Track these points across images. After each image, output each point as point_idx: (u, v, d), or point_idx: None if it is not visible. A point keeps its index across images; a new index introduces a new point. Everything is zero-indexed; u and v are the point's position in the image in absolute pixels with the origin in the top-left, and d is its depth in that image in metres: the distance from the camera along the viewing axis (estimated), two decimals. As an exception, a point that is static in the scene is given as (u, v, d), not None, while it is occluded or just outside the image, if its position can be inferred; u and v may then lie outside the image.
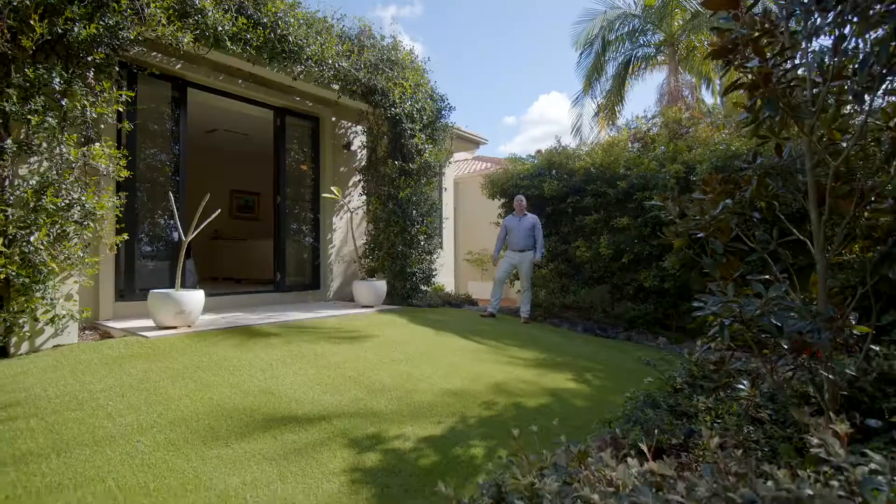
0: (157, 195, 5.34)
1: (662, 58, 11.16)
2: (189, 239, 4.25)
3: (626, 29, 10.66)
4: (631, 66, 11.02)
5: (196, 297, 4.25)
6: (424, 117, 6.62)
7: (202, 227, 4.34)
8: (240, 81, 5.88)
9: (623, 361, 4.86)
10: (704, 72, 10.99)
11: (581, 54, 10.96)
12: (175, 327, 4.17)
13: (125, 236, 4.29)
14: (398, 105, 6.22)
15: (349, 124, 7.35)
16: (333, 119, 7.11)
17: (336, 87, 5.96)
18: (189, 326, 4.27)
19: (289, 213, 6.68)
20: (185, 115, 5.49)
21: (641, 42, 10.81)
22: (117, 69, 4.12)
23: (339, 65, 5.57)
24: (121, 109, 4.10)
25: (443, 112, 7.09)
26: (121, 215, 4.27)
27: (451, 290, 9.96)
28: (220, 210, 4.46)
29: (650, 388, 3.70)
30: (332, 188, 5.79)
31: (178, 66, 5.33)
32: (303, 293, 6.70)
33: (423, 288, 7.01)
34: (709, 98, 12.67)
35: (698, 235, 2.60)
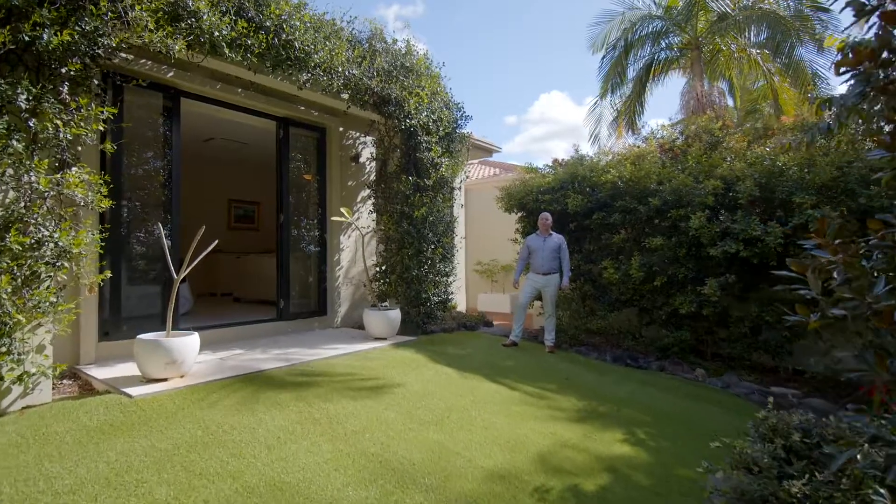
0: (147, 217, 4.78)
1: (684, 61, 10.61)
2: (181, 277, 3.69)
3: (647, 30, 10.11)
4: (652, 70, 10.47)
5: (190, 343, 3.70)
6: (441, 129, 6.07)
7: (195, 262, 3.78)
8: (239, 90, 5.32)
9: (671, 406, 4.33)
10: (727, 76, 10.47)
11: (603, 58, 10.41)
12: (166, 379, 3.62)
13: (108, 274, 3.74)
14: (413, 116, 5.67)
15: (357, 135, 6.80)
16: (341, 129, 6.56)
17: (345, 96, 5.41)
18: (182, 376, 3.72)
19: (293, 232, 6.12)
20: (179, 128, 4.94)
21: (664, 44, 10.26)
22: (97, 82, 3.55)
23: (349, 72, 5.01)
24: (102, 128, 3.54)
25: (459, 122, 6.54)
26: (102, 251, 3.72)
27: (462, 306, 9.44)
28: (217, 241, 3.92)
29: (719, 456, 3.18)
30: (341, 210, 5.24)
31: (171, 74, 4.77)
32: (308, 320, 6.15)
33: (438, 313, 6.47)
34: (728, 102, 12.16)
35: (839, 314, 2.07)
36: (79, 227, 3.43)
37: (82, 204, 3.38)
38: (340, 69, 4.88)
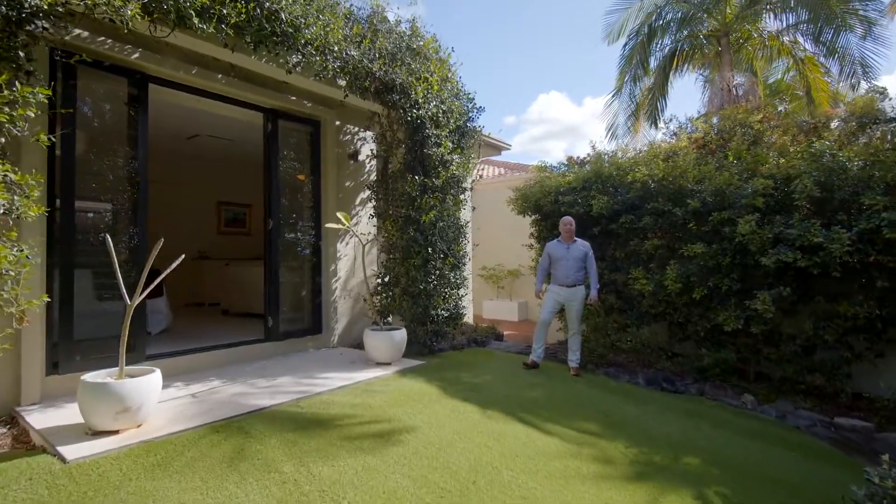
0: (108, 224, 4.04)
1: (708, 50, 9.87)
2: (135, 303, 2.94)
3: (671, 16, 9.35)
4: (676, 59, 9.72)
5: (148, 385, 2.95)
6: (451, 121, 5.32)
7: (156, 283, 3.04)
8: (220, 76, 4.57)
9: (733, 450, 3.60)
10: (753, 66, 9.75)
11: (625, 46, 9.65)
12: (117, 431, 2.87)
13: (44, 298, 2.99)
14: (421, 106, 4.92)
15: (356, 129, 6.06)
16: (338, 123, 5.81)
17: (343, 82, 4.67)
18: (139, 426, 2.98)
19: (284, 239, 5.37)
20: (146, 118, 4.18)
21: (687, 32, 9.49)
22: (22, 54, 2.79)
23: (347, 53, 4.26)
24: (34, 112, 2.79)
25: (471, 114, 5.80)
26: (49, 266, 2.97)
27: (468, 314, 8.68)
28: (183, 255, 3.17)
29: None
30: (338, 215, 4.49)
31: (136, 55, 4.02)
32: (301, 340, 5.40)
33: (448, 329, 5.73)
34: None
35: None
36: (1, 240, 2.67)
37: (1, 211, 2.62)
38: (336, 48, 4.14)
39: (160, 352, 4.39)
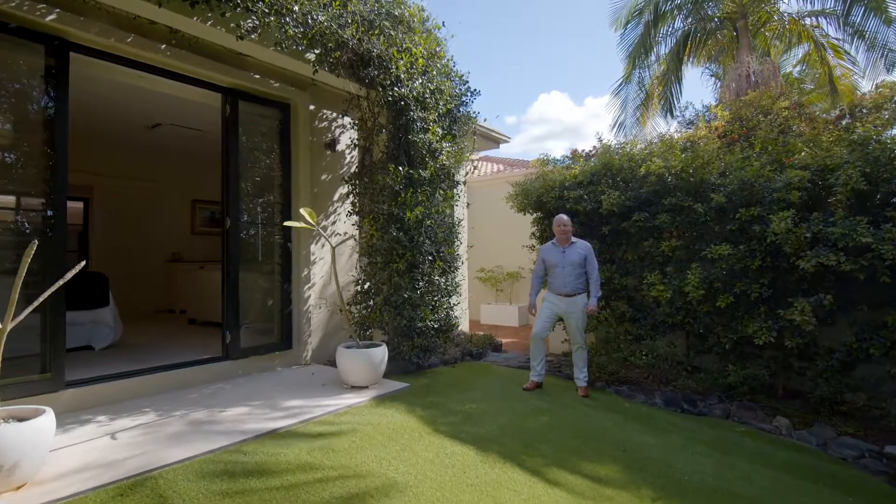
0: (12, 222, 3.31)
1: (721, 36, 9.19)
2: (11, 325, 2.21)
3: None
4: (689, 45, 8.99)
5: (29, 434, 2.21)
6: (441, 103, 4.60)
7: (36, 305, 2.31)
8: (163, 47, 3.84)
9: (784, 498, 2.91)
10: (769, 53, 9.06)
11: (632, 26, 8.93)
12: (-16, 498, 2.15)
13: None
14: (404, 83, 4.19)
15: (334, 115, 5.33)
16: (312, 107, 5.08)
17: (311, 56, 3.95)
18: (18, 488, 2.25)
19: (246, 240, 4.65)
20: (66, 95, 3.44)
21: (701, 14, 8.79)
22: None
23: (313, 17, 3.54)
24: None
25: (464, 97, 5.08)
26: None
27: (464, 320, 7.97)
28: (84, 263, 2.45)
29: None
30: (301, 211, 3.75)
31: (52, 17, 3.30)
32: (267, 357, 4.66)
33: (437, 341, 5.01)
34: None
35: None
36: None
37: None
38: (297, 9, 3.40)
39: (89, 376, 3.66)
